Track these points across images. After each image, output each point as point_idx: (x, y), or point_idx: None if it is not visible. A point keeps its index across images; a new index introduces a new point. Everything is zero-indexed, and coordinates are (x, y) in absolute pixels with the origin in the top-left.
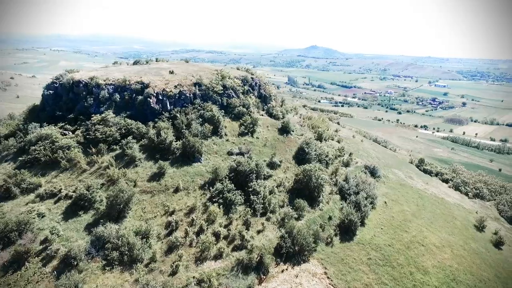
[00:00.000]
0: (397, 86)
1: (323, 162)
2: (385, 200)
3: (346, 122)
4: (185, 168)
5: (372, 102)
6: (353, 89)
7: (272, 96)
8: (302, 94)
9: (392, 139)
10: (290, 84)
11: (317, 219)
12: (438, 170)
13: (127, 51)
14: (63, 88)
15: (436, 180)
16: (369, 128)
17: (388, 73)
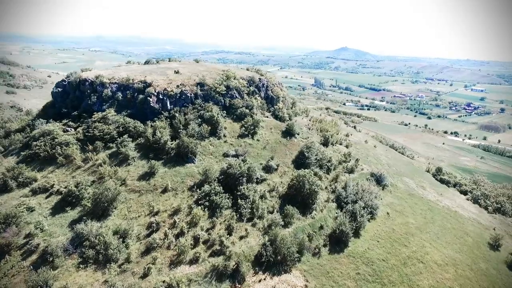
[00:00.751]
0: (429, 89)
1: (324, 167)
2: (388, 210)
3: (368, 126)
4: (177, 169)
5: (401, 106)
6: (381, 92)
7: (280, 98)
8: (327, 96)
9: (414, 145)
10: (316, 86)
11: (306, 228)
12: (456, 181)
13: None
14: (70, 86)
15: (453, 192)
16: (392, 133)
17: (421, 76)
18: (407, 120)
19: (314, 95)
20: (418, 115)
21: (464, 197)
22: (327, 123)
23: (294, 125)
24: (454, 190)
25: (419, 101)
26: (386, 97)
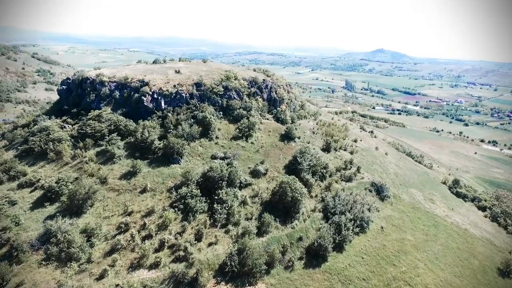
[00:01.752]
0: (469, 94)
1: (317, 174)
2: (384, 224)
3: (393, 131)
4: (161, 169)
5: (436, 112)
6: (416, 97)
7: (285, 100)
8: (357, 99)
9: (440, 154)
10: (347, 88)
11: (283, 238)
12: (475, 195)
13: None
14: (74, 84)
15: (469, 207)
16: (418, 140)
17: (462, 81)
18: (440, 127)
19: (342, 98)
20: (454, 121)
21: (482, 213)
22: (335, 127)
23: (293, 129)
24: (471, 205)
25: (457, 106)
26: (420, 101)
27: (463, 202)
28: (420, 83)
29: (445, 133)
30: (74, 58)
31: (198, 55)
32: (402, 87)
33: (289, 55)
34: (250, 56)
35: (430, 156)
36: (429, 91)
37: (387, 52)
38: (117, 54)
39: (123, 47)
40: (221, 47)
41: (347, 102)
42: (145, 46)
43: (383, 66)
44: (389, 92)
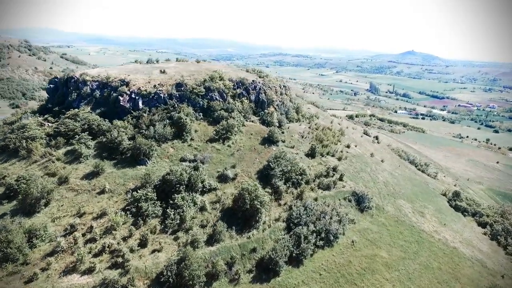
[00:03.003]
0: (504, 99)
1: (292, 180)
2: (356, 238)
3: (410, 136)
4: (126, 170)
5: (464, 117)
6: (444, 100)
7: (274, 102)
8: (379, 102)
9: (455, 162)
10: (371, 91)
11: (234, 249)
12: (477, 209)
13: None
14: (60, 83)
15: (467, 222)
16: (434, 146)
17: (497, 84)
18: (465, 133)
19: (364, 101)
20: (482, 127)
21: (481, 230)
22: (330, 131)
23: (276, 132)
24: (470, 221)
25: (488, 112)
26: (448, 106)
27: (461, 217)
28: (450, 86)
29: (469, 140)
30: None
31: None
32: (430, 91)
33: (315, 57)
34: (275, 58)
35: (439, 164)
36: (459, 95)
37: (417, 54)
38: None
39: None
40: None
41: (367, 105)
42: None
43: (412, 69)
44: (416, 95)
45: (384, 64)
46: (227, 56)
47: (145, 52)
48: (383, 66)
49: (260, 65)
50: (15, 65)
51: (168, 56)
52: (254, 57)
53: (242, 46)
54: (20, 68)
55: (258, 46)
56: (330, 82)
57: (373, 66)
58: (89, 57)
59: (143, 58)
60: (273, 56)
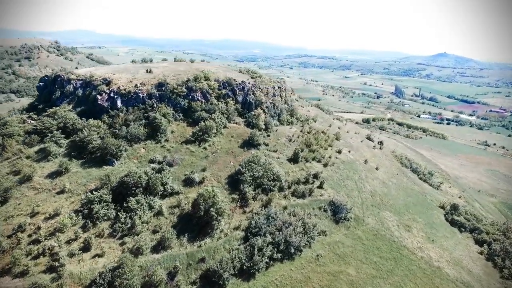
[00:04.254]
0: None
1: (263, 187)
2: (323, 252)
3: (427, 142)
4: (91, 170)
5: (494, 123)
6: (475, 105)
7: (264, 103)
8: (403, 106)
9: (471, 171)
10: (396, 94)
11: (181, 257)
12: (476, 225)
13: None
14: (48, 81)
15: (462, 239)
16: (451, 153)
17: None
18: (493, 140)
19: (386, 104)
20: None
21: (478, 248)
22: (324, 135)
23: (257, 135)
24: (466, 237)
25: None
26: (478, 111)
27: (457, 233)
28: (483, 90)
29: (495, 148)
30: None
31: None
32: (459, 95)
33: (341, 58)
34: (300, 59)
35: (448, 173)
36: (491, 100)
37: (450, 56)
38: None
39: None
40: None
41: (388, 109)
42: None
43: (442, 72)
44: (444, 99)
45: (413, 67)
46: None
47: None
48: (412, 69)
49: (284, 66)
50: (43, 64)
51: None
52: (278, 58)
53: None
54: (47, 68)
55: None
56: (354, 85)
57: (401, 68)
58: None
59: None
60: (298, 58)
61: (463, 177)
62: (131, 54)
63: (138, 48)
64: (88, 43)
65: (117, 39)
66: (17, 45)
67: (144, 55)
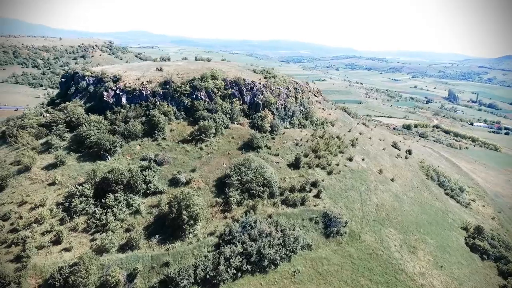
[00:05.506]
0: None
1: (251, 192)
2: (303, 268)
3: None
4: (84, 164)
5: None
6: None
7: (273, 105)
8: (455, 112)
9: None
10: (449, 99)
11: (145, 259)
12: (504, 254)
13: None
14: (67, 77)
15: (481, 268)
16: (499, 167)
17: None
18: None
19: (434, 110)
20: None
21: (500, 281)
22: (338, 140)
23: (257, 137)
24: (489, 267)
25: None
26: None
27: (477, 260)
28: None
29: None
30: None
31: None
32: None
33: (391, 60)
34: (348, 61)
35: (485, 190)
36: None
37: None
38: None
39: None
40: (321, 51)
41: (436, 115)
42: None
43: (508, 76)
44: (505, 106)
45: (472, 70)
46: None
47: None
48: (471, 72)
49: (330, 68)
50: (96, 62)
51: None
52: (325, 59)
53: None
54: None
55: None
56: (403, 88)
57: (458, 71)
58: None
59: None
60: (346, 59)
61: (506, 195)
62: (180, 53)
63: (187, 48)
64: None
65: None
66: (76, 44)
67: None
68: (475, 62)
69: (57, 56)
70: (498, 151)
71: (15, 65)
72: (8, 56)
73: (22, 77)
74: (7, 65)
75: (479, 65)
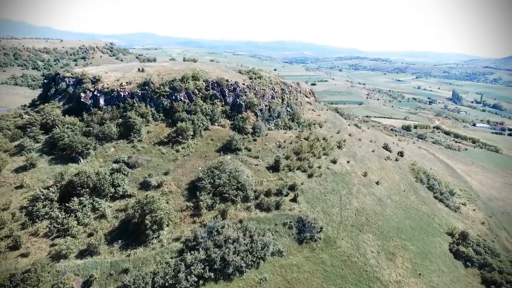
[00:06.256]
0: None
1: (223, 196)
2: (270, 275)
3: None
4: (56, 167)
5: None
6: None
7: (256, 106)
8: (458, 113)
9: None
10: (452, 100)
11: (103, 266)
12: (489, 261)
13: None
14: (49, 78)
15: (464, 276)
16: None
17: None
18: None
19: (437, 111)
20: None
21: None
22: (326, 142)
23: (236, 139)
24: (472, 275)
25: None
26: None
27: (460, 268)
28: None
29: None
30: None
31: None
32: None
33: (396, 61)
34: (351, 61)
35: (478, 193)
36: None
37: None
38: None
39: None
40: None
41: (438, 116)
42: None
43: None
44: (510, 107)
45: (477, 70)
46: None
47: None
48: (476, 73)
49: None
50: (96, 64)
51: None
52: (329, 60)
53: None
54: (98, 67)
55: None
56: (406, 89)
57: (463, 72)
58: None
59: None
60: (350, 60)
61: (501, 198)
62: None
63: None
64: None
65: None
66: (76, 46)
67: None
68: (480, 62)
69: (58, 57)
70: (499, 152)
71: (15, 66)
72: (9, 57)
73: (21, 79)
74: (7, 66)
75: (485, 65)
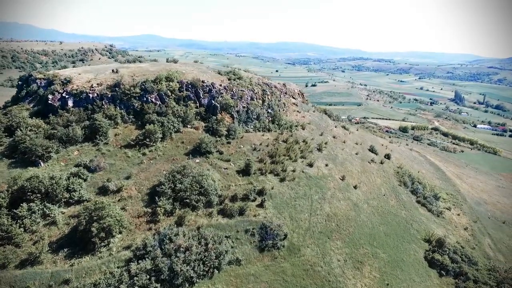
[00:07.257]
0: None
1: (185, 201)
2: (226, 286)
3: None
4: (14, 171)
5: None
6: None
7: (233, 107)
8: (459, 114)
9: (509, 196)
10: (455, 101)
11: (43, 277)
12: (464, 269)
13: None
14: (23, 80)
15: (436, 286)
16: (494, 172)
17: None
18: None
19: (437, 112)
20: None
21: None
22: (306, 144)
23: (206, 142)
24: (446, 284)
25: None
26: None
27: (433, 277)
28: None
29: None
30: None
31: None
32: None
33: (399, 61)
34: (354, 62)
35: (466, 197)
36: None
37: None
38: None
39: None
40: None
41: (438, 117)
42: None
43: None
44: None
45: (482, 71)
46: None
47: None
48: (481, 73)
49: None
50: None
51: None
52: (332, 61)
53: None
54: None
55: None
56: (408, 89)
57: (467, 72)
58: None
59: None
60: (353, 61)
61: (491, 202)
62: (186, 56)
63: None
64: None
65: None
66: (75, 48)
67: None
68: (485, 62)
69: (56, 60)
70: (497, 154)
71: (13, 69)
72: (7, 60)
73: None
74: (5, 69)
75: (489, 65)
